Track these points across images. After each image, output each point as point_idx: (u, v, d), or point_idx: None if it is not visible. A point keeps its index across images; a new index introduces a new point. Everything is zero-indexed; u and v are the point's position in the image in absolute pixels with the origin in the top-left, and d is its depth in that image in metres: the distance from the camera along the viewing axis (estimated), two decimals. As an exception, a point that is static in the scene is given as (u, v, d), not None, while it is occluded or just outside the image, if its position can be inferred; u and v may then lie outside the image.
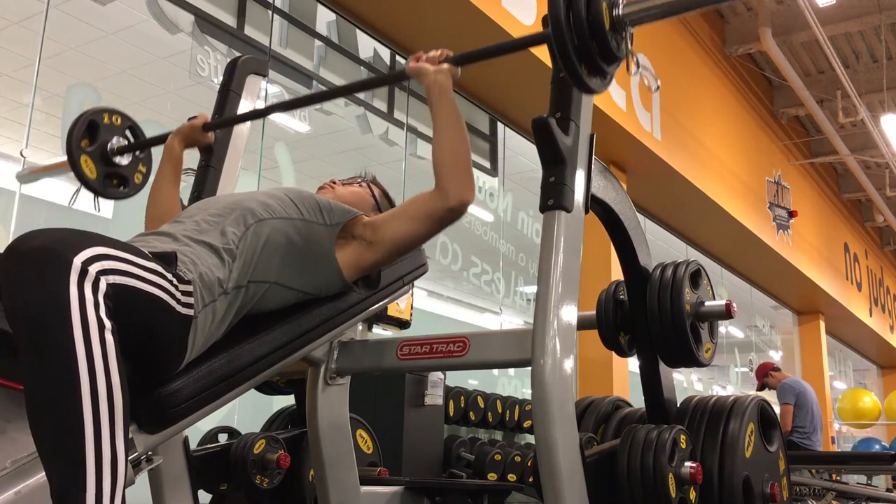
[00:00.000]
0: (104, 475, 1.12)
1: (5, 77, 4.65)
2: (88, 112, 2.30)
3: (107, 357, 1.16)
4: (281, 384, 2.54)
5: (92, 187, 2.30)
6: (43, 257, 1.17)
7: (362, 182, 2.01)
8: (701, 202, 7.23)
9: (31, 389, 1.15)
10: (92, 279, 1.18)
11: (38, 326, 1.14)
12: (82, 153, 2.27)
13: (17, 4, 4.01)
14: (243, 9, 4.31)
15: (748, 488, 1.82)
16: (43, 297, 1.15)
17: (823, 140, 9.29)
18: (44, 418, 1.14)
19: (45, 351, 1.14)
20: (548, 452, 1.43)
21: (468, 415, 4.37)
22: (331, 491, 1.98)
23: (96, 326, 1.16)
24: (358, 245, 1.75)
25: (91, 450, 1.12)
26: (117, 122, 2.33)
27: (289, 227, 1.65)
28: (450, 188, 1.65)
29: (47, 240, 1.20)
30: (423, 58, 1.74)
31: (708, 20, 7.57)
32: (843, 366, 13.96)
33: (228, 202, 1.66)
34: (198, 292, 1.42)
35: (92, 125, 2.29)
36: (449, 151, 1.67)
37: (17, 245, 1.20)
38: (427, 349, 1.77)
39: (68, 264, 1.16)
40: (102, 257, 1.22)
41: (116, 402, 1.16)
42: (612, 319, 2.04)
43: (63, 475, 1.11)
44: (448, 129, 1.68)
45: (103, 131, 2.30)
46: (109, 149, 2.30)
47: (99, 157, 2.28)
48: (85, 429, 1.12)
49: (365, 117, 5.08)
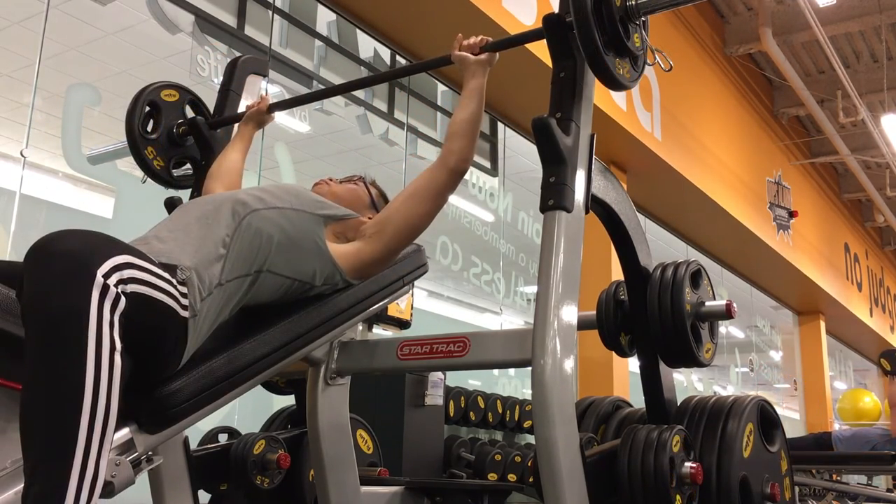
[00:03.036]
0: (83, 490, 1.15)
1: (5, 77, 4.64)
2: (145, 93, 2.16)
3: (112, 378, 1.19)
4: (281, 384, 2.54)
5: (161, 178, 2.18)
6: (71, 264, 1.20)
7: (359, 180, 2.02)
8: (701, 202, 7.23)
9: (31, 391, 1.16)
10: (112, 296, 1.21)
11: (55, 334, 1.17)
12: (148, 144, 2.13)
13: (17, 4, 4.00)
14: (243, 9, 4.31)
15: (746, 488, 1.82)
16: (63, 307, 1.17)
17: (824, 140, 9.29)
18: (39, 422, 1.15)
19: (56, 360, 1.16)
20: (548, 452, 1.43)
21: (468, 415, 4.36)
22: (331, 491, 1.98)
23: (108, 347, 1.19)
24: (360, 243, 1.78)
25: (78, 465, 1.14)
26: (175, 98, 2.20)
27: (280, 216, 1.67)
28: (453, 151, 1.79)
29: (76, 244, 1.23)
30: (464, 44, 1.87)
31: (708, 20, 7.57)
32: (844, 366, 13.95)
33: (221, 197, 1.69)
34: (195, 289, 1.44)
35: (152, 107, 2.16)
36: (464, 120, 1.81)
37: (45, 246, 1.22)
38: (427, 349, 1.77)
39: (93, 277, 1.19)
40: (124, 266, 1.25)
41: (110, 423, 1.19)
42: (613, 319, 2.04)
43: (45, 482, 1.13)
44: (471, 104, 1.82)
45: (165, 113, 2.16)
46: (175, 132, 2.18)
47: (165, 145, 2.16)
48: (78, 443, 1.15)
49: (365, 117, 5.07)
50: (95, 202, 3.78)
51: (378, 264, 1.84)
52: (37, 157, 3.40)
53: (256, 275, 1.61)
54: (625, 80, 1.64)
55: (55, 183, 3.87)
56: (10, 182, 3.27)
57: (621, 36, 1.60)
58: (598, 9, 1.57)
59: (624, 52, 1.64)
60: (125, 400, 1.33)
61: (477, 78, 1.84)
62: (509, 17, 4.71)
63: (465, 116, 1.81)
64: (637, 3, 1.63)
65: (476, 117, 1.82)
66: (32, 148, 3.27)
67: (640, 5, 1.63)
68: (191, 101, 2.24)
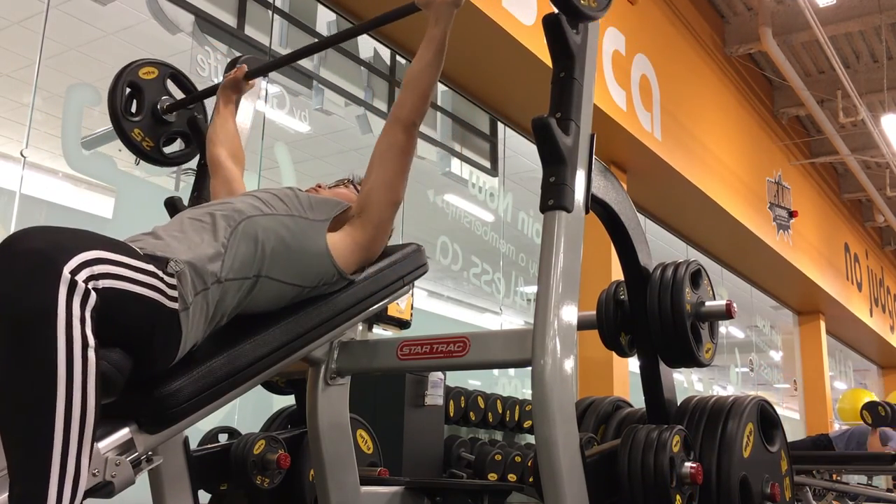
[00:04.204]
0: (65, 490, 1.15)
1: (5, 77, 4.65)
2: (125, 73, 2.10)
3: (86, 376, 1.18)
4: (281, 384, 2.54)
5: (153, 158, 2.13)
6: (36, 262, 1.18)
7: (348, 184, 2.02)
8: (701, 202, 7.23)
9: (4, 393, 1.16)
10: (82, 292, 1.19)
11: (24, 335, 1.16)
12: (133, 126, 2.08)
13: (17, 4, 4.01)
14: (243, 9, 4.31)
15: (746, 488, 1.82)
16: (31, 306, 1.16)
17: (824, 140, 9.29)
18: (15, 423, 1.15)
19: (26, 361, 1.15)
20: (548, 452, 1.43)
21: (468, 415, 4.37)
22: (331, 491, 1.98)
23: (80, 344, 1.18)
24: (349, 227, 1.78)
25: (57, 464, 1.14)
26: (155, 75, 2.13)
27: (277, 224, 1.66)
28: (404, 104, 1.77)
29: (41, 243, 1.20)
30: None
31: (708, 20, 7.57)
32: (844, 366, 13.95)
33: (217, 203, 1.69)
34: (188, 282, 1.43)
35: (133, 87, 2.10)
36: (419, 70, 1.78)
37: (11, 244, 1.20)
38: (427, 349, 1.77)
39: (59, 273, 1.17)
40: (94, 261, 1.23)
41: (88, 420, 1.18)
42: (613, 319, 2.04)
43: (25, 483, 1.13)
44: (428, 52, 1.78)
45: (147, 92, 2.10)
46: (160, 109, 2.12)
47: (151, 124, 2.10)
48: (54, 443, 1.14)
49: (365, 117, 5.07)
50: (95, 202, 3.78)
51: (375, 242, 1.82)
52: (37, 157, 3.40)
53: (256, 279, 1.60)
54: (590, 10, 1.53)
55: (55, 183, 3.88)
56: (10, 182, 3.27)
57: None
58: None
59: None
60: (125, 399, 1.33)
61: (440, 24, 1.77)
62: (509, 17, 4.71)
63: (420, 66, 1.78)
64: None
65: (431, 68, 1.78)
66: (32, 148, 3.27)
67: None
68: (171, 74, 2.19)
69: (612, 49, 5.81)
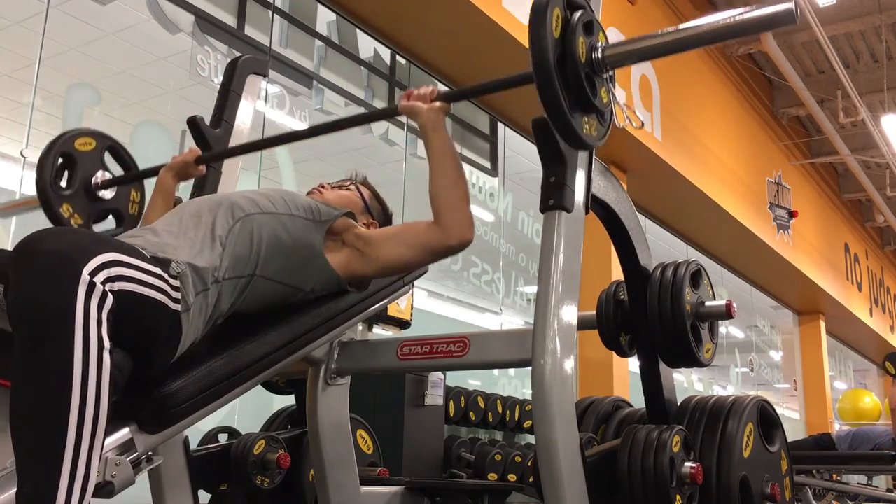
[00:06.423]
0: (74, 490, 1.14)
1: (5, 77, 4.65)
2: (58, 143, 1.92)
3: (101, 377, 1.18)
4: (281, 384, 2.54)
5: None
6: (57, 263, 1.19)
7: (351, 185, 2.01)
8: (701, 202, 7.23)
9: (20, 391, 1.16)
10: (99, 294, 1.20)
11: (42, 335, 1.16)
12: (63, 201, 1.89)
13: (17, 4, 4.01)
14: (243, 9, 4.31)
15: (746, 488, 1.82)
16: (51, 306, 1.16)
17: (824, 140, 9.29)
18: (28, 422, 1.15)
19: (43, 360, 1.16)
20: (548, 452, 1.43)
21: (468, 415, 4.37)
22: (331, 491, 1.98)
23: (96, 345, 1.18)
24: (350, 252, 1.75)
25: (68, 464, 1.14)
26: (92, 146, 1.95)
27: (275, 222, 1.66)
28: (451, 227, 1.64)
29: (62, 244, 1.22)
30: (415, 94, 1.73)
31: (708, 20, 7.57)
32: (844, 366, 13.95)
33: (216, 199, 1.68)
34: (190, 283, 1.44)
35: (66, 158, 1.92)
36: (447, 188, 1.65)
37: (31, 245, 1.21)
38: (427, 349, 1.77)
39: (78, 275, 1.18)
40: (111, 263, 1.24)
41: (101, 421, 1.18)
42: (613, 320, 2.04)
43: (35, 482, 1.13)
44: (445, 166, 1.67)
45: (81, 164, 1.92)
46: (94, 184, 1.95)
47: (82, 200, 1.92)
48: (67, 443, 1.14)
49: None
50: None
51: (367, 281, 1.82)
52: (37, 157, 3.39)
53: (250, 278, 1.60)
54: (591, 139, 1.50)
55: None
56: (10, 182, 3.27)
57: (588, 94, 1.45)
58: (562, 66, 1.41)
59: (590, 109, 1.49)
60: (125, 399, 1.33)
61: (438, 131, 1.68)
62: (509, 17, 4.71)
63: (447, 183, 1.66)
64: (603, 56, 1.48)
65: (458, 178, 1.66)
66: (32, 148, 3.27)
67: (606, 59, 1.48)
68: (110, 147, 2.01)
69: (612, 49, 5.80)
